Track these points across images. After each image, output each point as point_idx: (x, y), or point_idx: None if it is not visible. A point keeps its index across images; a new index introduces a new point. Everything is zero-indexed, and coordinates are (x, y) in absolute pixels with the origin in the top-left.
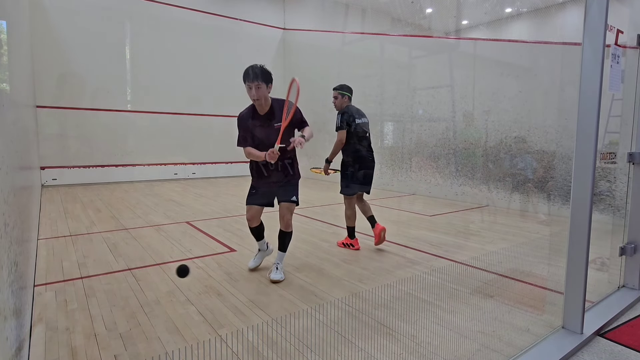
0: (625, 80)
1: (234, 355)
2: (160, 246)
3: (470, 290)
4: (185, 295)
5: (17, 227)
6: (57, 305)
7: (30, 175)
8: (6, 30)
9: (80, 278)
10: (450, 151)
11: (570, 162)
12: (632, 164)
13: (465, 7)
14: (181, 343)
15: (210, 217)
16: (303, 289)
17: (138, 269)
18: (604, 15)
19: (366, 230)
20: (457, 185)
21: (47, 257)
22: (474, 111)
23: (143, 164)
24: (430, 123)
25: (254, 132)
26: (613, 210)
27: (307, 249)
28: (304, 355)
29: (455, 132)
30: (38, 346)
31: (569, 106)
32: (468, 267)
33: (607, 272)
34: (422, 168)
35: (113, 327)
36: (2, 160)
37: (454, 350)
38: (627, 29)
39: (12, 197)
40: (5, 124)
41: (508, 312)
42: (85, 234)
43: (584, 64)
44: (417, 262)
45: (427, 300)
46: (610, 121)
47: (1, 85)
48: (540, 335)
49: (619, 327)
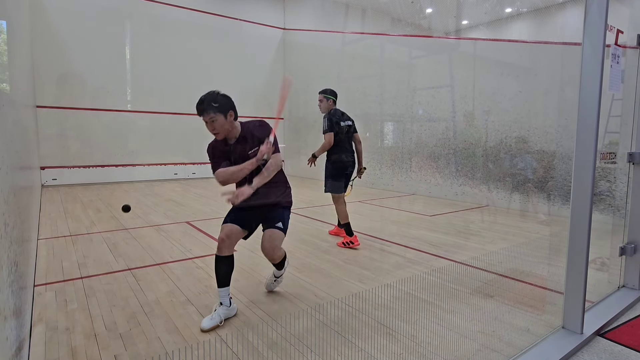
0: (625, 80)
1: (234, 355)
2: (160, 246)
3: (470, 290)
4: (185, 295)
5: (17, 227)
6: (57, 305)
7: (30, 175)
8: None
9: (80, 278)
10: (450, 151)
11: (570, 162)
12: (632, 164)
13: (465, 7)
14: (181, 343)
15: (210, 217)
16: (303, 289)
17: (138, 269)
18: (604, 15)
19: (366, 230)
20: (457, 185)
21: (47, 257)
22: (474, 111)
23: (143, 164)
24: (430, 123)
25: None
26: (613, 210)
27: (307, 249)
28: (304, 355)
29: (455, 132)
30: (38, 346)
31: (569, 106)
32: (468, 267)
33: (607, 272)
34: (422, 168)
35: (113, 327)
36: (2, 160)
37: (454, 350)
38: (627, 29)
39: (12, 197)
40: (5, 124)
41: (508, 312)
42: (85, 234)
43: (584, 64)
44: (417, 262)
45: (427, 300)
46: (610, 121)
47: (1, 85)
48: (540, 335)
49: (619, 327)
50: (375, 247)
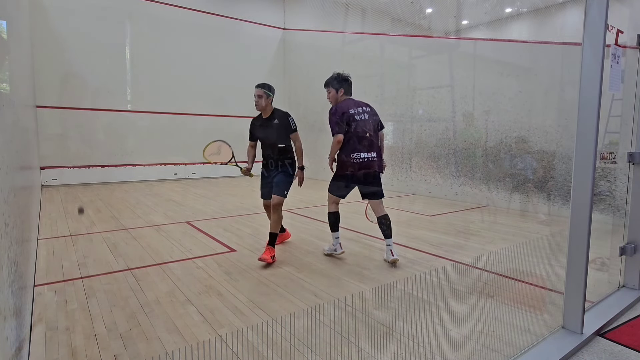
0: (625, 80)
1: (234, 355)
2: (160, 246)
3: (470, 290)
4: (185, 295)
5: (17, 227)
6: (57, 305)
7: (30, 175)
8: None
9: (80, 278)
10: (450, 151)
11: (570, 162)
12: (632, 164)
13: (465, 7)
14: (181, 343)
15: (210, 217)
16: (303, 289)
17: (138, 269)
18: (604, 15)
19: (366, 230)
20: (457, 185)
21: (47, 257)
22: (474, 111)
23: (143, 164)
24: (430, 123)
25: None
26: (613, 210)
27: (307, 249)
28: (304, 355)
29: (455, 132)
30: (38, 346)
31: (569, 106)
32: (468, 267)
33: (607, 272)
34: (422, 168)
35: (113, 327)
36: (2, 160)
37: (454, 350)
38: (627, 29)
39: (12, 197)
40: (5, 124)
41: (508, 312)
42: (85, 234)
43: (584, 64)
44: (417, 262)
45: (427, 300)
46: (610, 121)
47: (1, 85)
48: (540, 335)
49: (619, 327)
50: (375, 247)
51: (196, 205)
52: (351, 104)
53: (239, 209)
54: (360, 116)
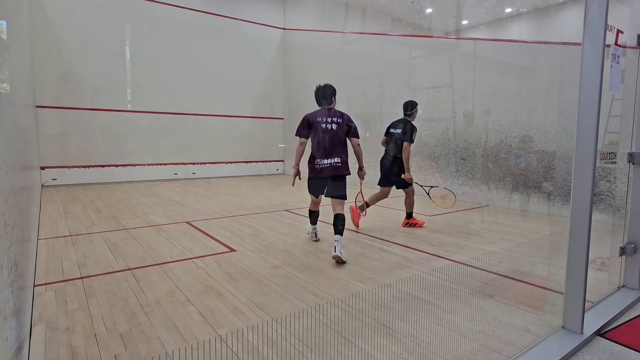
0: (625, 80)
1: (234, 355)
2: (160, 246)
3: (470, 290)
4: (185, 295)
5: (17, 227)
6: (57, 305)
7: (30, 175)
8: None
9: (80, 278)
10: (450, 151)
11: (570, 162)
12: (632, 164)
13: (465, 7)
14: (181, 343)
15: (210, 217)
16: (303, 289)
17: (138, 269)
18: (604, 15)
19: (366, 230)
20: (457, 185)
21: (47, 257)
22: (474, 111)
23: (143, 164)
24: (430, 123)
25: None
26: (613, 210)
27: (307, 249)
28: (304, 355)
29: (455, 132)
30: (38, 346)
31: (569, 106)
32: (468, 267)
33: (607, 272)
34: (422, 168)
35: (113, 327)
36: (2, 160)
37: (454, 350)
38: (627, 29)
39: (12, 197)
40: (5, 124)
41: (508, 312)
42: (85, 234)
43: (584, 64)
44: (417, 262)
45: (427, 300)
46: (610, 121)
47: (1, 85)
48: (540, 335)
49: (619, 327)
50: (375, 247)
51: (196, 205)
52: (320, 113)
53: (239, 209)
54: (326, 125)
